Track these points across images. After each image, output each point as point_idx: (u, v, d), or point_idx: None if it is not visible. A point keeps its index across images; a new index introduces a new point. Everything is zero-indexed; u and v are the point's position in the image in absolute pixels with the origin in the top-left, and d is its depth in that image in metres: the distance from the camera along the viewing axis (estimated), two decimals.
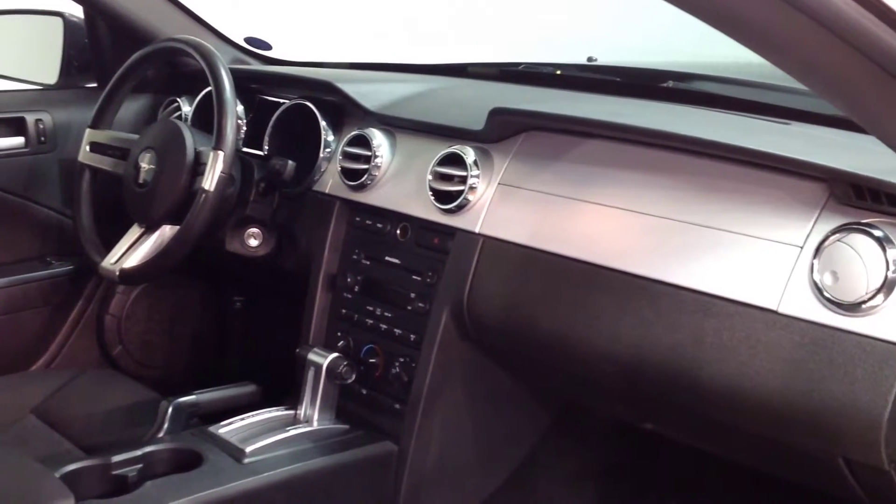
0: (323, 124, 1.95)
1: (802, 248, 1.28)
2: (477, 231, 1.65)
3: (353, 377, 1.73)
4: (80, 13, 2.34)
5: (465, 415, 1.78)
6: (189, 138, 1.85)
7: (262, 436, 1.64)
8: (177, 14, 2.31)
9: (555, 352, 1.56)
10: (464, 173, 1.67)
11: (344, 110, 1.97)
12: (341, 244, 1.89)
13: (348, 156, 1.87)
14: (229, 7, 2.78)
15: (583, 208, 1.53)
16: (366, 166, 1.83)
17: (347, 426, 1.73)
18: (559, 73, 2.13)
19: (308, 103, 1.99)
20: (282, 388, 1.83)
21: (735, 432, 1.40)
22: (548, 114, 1.66)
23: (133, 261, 1.84)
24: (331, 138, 1.95)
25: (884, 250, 1.21)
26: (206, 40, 1.92)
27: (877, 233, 1.22)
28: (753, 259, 1.32)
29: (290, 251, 1.98)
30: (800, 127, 1.59)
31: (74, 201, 2.06)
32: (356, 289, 1.85)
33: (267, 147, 2.04)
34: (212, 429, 1.67)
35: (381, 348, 1.79)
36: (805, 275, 1.26)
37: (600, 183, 1.53)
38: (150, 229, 1.86)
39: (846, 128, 1.51)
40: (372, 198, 1.83)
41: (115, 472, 1.55)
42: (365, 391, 1.80)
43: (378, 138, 1.84)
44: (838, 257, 1.23)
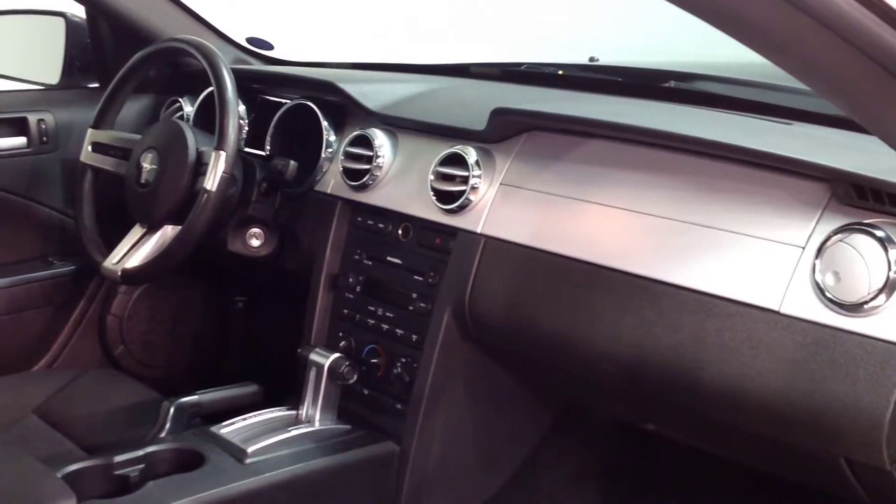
0: (325, 124, 1.96)
1: (804, 248, 1.28)
2: (479, 231, 1.65)
3: (355, 377, 1.73)
4: (82, 13, 2.34)
5: (466, 415, 1.78)
6: (191, 138, 1.85)
7: (263, 436, 1.64)
8: (179, 14, 2.31)
9: (556, 352, 1.56)
10: (465, 173, 1.67)
11: (346, 110, 1.97)
12: (343, 244, 1.89)
13: (350, 156, 1.87)
14: (230, 7, 2.77)
15: (584, 208, 1.53)
16: (367, 166, 1.83)
17: (349, 426, 1.73)
18: (561, 73, 2.13)
19: (310, 103, 1.99)
20: (283, 388, 1.84)
21: (736, 432, 1.40)
22: (549, 114, 1.66)
23: (135, 261, 1.84)
24: (332, 138, 1.95)
25: (886, 251, 1.21)
26: (207, 40, 1.92)
27: (879, 233, 1.22)
28: (755, 259, 1.32)
29: (292, 251, 1.98)
30: (802, 127, 1.59)
31: (76, 201, 2.05)
32: (358, 289, 1.85)
33: (269, 147, 2.04)
34: (213, 429, 1.67)
35: (382, 348, 1.79)
36: (807, 275, 1.26)
37: (602, 183, 1.53)
38: (151, 229, 1.86)
39: (848, 128, 1.50)
40: (374, 198, 1.83)
41: (117, 473, 1.55)
42: (366, 391, 1.80)
43: (380, 138, 1.84)
44: (840, 257, 1.23)
